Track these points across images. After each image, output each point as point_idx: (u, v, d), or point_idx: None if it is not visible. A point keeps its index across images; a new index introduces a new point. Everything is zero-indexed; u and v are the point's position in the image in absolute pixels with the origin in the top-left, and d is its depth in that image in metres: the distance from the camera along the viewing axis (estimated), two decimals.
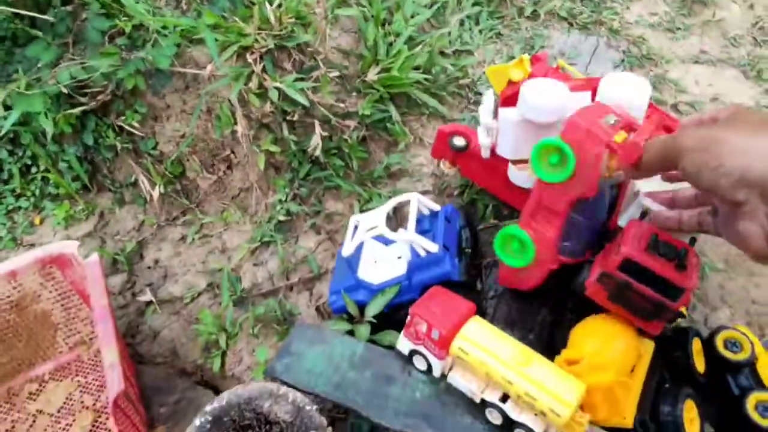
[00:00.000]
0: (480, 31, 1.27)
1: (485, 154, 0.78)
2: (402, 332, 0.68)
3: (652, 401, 0.61)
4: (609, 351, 0.60)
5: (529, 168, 0.79)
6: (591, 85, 0.71)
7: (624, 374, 0.60)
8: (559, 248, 0.65)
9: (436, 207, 0.81)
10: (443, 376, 0.65)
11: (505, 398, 0.60)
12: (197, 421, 0.54)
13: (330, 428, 0.53)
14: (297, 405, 0.54)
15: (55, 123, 1.00)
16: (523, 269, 0.67)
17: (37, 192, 1.16)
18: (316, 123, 0.99)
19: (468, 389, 0.62)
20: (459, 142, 0.82)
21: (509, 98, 0.70)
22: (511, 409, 0.58)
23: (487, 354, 0.60)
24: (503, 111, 0.70)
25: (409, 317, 0.66)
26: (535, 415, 0.57)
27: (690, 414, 0.60)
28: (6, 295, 0.84)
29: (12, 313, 0.86)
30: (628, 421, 0.58)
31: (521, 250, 0.65)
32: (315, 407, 0.54)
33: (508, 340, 0.62)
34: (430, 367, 0.65)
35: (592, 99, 0.70)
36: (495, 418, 0.60)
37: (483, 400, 0.60)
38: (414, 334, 0.65)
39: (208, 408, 0.55)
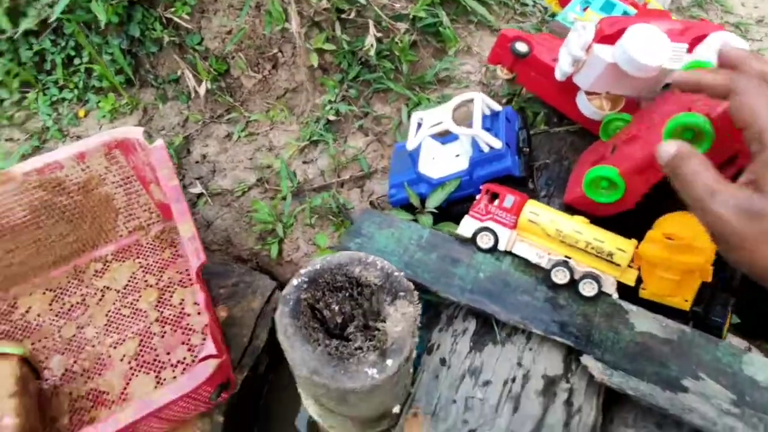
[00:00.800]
0: None
1: (560, 78, 0.77)
2: (466, 215, 0.73)
3: (707, 299, 0.67)
4: (704, 239, 0.63)
5: (598, 100, 0.81)
6: (688, 36, 0.70)
7: (709, 263, 0.64)
8: None
9: (498, 107, 0.83)
10: (507, 254, 0.72)
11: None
12: (294, 281, 0.58)
13: (416, 292, 0.58)
14: (386, 271, 0.59)
15: None
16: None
17: (80, 84, 1.15)
18: (371, 22, 0.99)
19: (536, 254, 0.70)
20: (521, 47, 0.83)
21: (606, 37, 0.71)
22: (576, 264, 0.67)
23: (555, 214, 0.69)
24: (598, 48, 0.70)
25: (479, 195, 0.73)
26: (595, 269, 0.67)
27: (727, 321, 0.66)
28: (74, 176, 0.87)
29: (79, 194, 0.89)
30: (687, 305, 0.65)
31: (610, 187, 0.68)
32: (402, 273, 0.58)
33: (563, 213, 0.71)
34: (495, 245, 0.71)
35: (689, 51, 0.70)
36: (561, 279, 0.68)
37: (549, 261, 0.68)
38: (483, 209, 0.72)
39: (303, 271, 0.59)
